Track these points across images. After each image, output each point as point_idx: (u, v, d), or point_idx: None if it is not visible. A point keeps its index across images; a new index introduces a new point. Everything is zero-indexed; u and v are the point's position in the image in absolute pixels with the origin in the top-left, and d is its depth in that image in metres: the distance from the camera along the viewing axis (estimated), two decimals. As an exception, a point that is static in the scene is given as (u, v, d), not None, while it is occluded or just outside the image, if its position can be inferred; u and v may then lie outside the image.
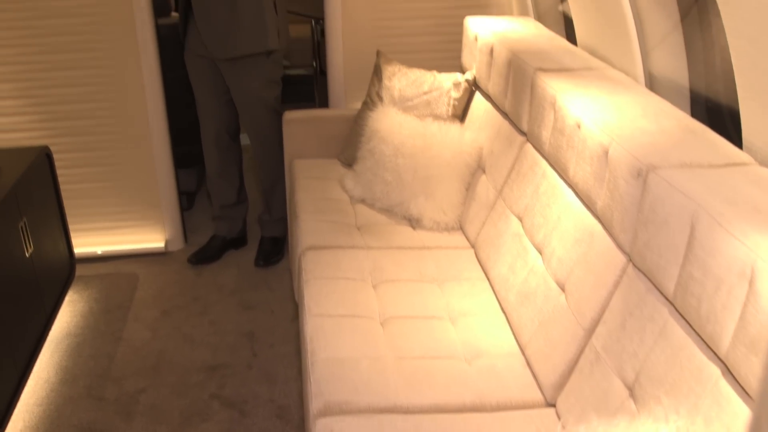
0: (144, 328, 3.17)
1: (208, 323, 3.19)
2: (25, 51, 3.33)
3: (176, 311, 3.28)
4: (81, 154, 3.52)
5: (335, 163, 3.23)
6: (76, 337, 3.13)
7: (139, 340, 3.10)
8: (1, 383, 2.47)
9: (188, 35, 3.31)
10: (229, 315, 3.24)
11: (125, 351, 3.03)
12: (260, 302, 3.32)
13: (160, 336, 3.12)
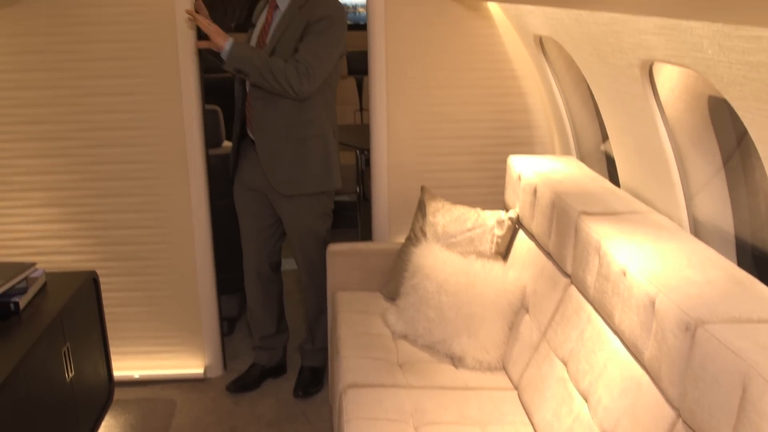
0: (179, 458, 3.14)
1: (243, 455, 3.15)
2: (78, 177, 3.46)
3: (212, 441, 3.25)
4: (126, 279, 3.59)
5: (378, 296, 3.24)
6: (111, 464, 3.11)
7: (174, 470, 3.07)
8: None
9: (240, 169, 3.40)
10: (266, 447, 3.21)
11: (159, 482, 3.00)
12: (297, 435, 3.28)
13: (195, 467, 3.08)
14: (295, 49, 3.08)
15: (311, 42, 3.05)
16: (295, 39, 3.08)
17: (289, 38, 3.09)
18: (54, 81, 3.36)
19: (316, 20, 3.06)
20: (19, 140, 3.42)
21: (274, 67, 2.97)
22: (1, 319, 2.70)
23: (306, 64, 3.00)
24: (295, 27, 3.09)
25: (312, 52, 3.04)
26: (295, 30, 3.08)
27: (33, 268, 2.90)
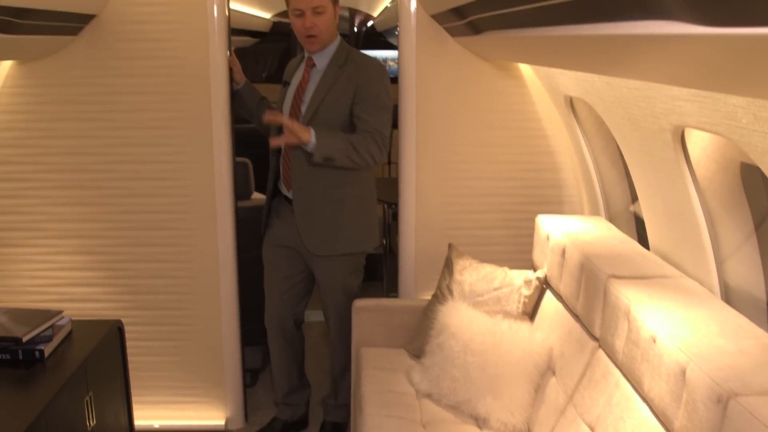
0: None
1: None
2: (107, 226, 3.50)
3: (231, 495, 3.21)
4: (151, 328, 3.60)
5: (403, 353, 3.21)
6: None
7: None
8: None
9: (272, 226, 3.41)
10: (284, 504, 3.16)
11: None
12: (314, 492, 3.24)
13: None
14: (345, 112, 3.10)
15: (373, 109, 3.08)
16: (343, 102, 3.10)
17: (334, 100, 3.10)
18: (86, 131, 3.41)
19: (367, 84, 3.10)
20: (50, 188, 3.47)
21: (358, 146, 3.00)
22: (26, 367, 2.70)
23: (380, 135, 3.05)
24: (340, 89, 3.11)
25: (379, 120, 3.08)
26: (340, 92, 3.11)
27: (59, 316, 2.91)
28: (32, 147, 3.43)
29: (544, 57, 2.53)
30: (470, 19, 2.70)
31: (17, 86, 3.38)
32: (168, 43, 3.33)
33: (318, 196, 3.20)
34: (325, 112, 3.10)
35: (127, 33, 3.33)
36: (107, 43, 3.33)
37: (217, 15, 3.31)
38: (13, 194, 3.47)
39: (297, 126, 2.93)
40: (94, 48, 3.34)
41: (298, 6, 3.06)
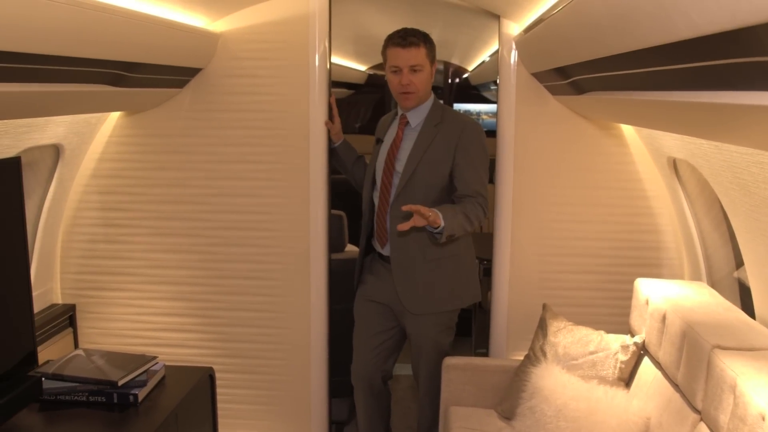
0: None
1: None
2: (202, 273, 3.57)
3: None
4: (241, 376, 3.63)
5: (492, 414, 3.14)
6: None
7: None
8: None
9: (365, 282, 3.40)
10: None
11: None
12: None
13: None
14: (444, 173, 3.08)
15: (474, 171, 3.06)
16: (442, 163, 3.09)
17: (432, 160, 3.09)
18: (186, 180, 3.51)
19: (467, 146, 3.09)
20: (150, 234, 3.56)
21: (470, 215, 2.96)
22: (120, 410, 2.75)
23: (483, 198, 3.03)
24: (438, 150, 3.10)
25: (480, 182, 3.07)
26: (438, 153, 3.10)
27: (154, 362, 2.96)
28: (135, 194, 3.54)
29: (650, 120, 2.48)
30: (574, 80, 2.67)
31: (124, 135, 3.50)
32: (270, 97, 3.41)
33: (416, 255, 3.18)
34: (423, 172, 3.10)
35: (231, 86, 3.42)
36: (211, 95, 3.43)
37: (318, 70, 3.37)
38: (114, 239, 3.58)
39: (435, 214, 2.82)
40: (198, 100, 3.44)
41: (396, 63, 3.09)
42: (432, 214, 2.78)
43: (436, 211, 2.83)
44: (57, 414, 2.75)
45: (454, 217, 2.91)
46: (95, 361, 2.92)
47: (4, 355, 2.56)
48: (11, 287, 2.62)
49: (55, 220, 3.43)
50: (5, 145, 2.69)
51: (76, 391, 2.79)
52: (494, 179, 3.53)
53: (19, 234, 2.64)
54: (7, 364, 2.57)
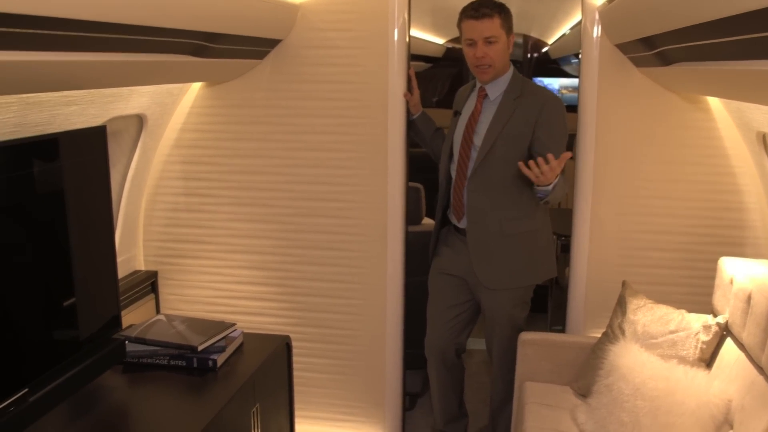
0: None
1: None
2: (280, 243, 3.61)
3: None
4: (316, 345, 3.67)
5: (568, 391, 3.11)
6: None
7: None
8: None
9: (440, 255, 3.40)
10: None
11: None
12: None
13: None
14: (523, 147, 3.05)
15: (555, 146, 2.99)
16: (521, 137, 3.06)
17: (512, 134, 3.06)
18: (266, 151, 3.54)
19: (548, 120, 3.05)
20: (229, 204, 3.62)
21: (565, 188, 2.98)
22: (199, 375, 2.82)
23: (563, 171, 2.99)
24: (517, 123, 3.07)
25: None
26: (518, 126, 3.06)
27: (233, 328, 3.02)
28: (216, 165, 3.59)
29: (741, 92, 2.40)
30: (660, 50, 2.60)
31: (205, 106, 3.55)
32: (349, 68, 3.41)
33: (493, 230, 3.16)
34: (502, 147, 3.06)
35: (310, 57, 3.43)
36: (290, 66, 3.45)
37: (397, 42, 3.35)
38: (195, 208, 3.65)
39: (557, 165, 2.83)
40: (277, 71, 3.46)
41: (470, 35, 3.05)
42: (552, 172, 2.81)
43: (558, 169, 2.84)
44: (139, 376, 2.83)
45: (560, 183, 2.91)
46: (176, 327, 2.99)
47: (91, 318, 2.65)
48: (97, 253, 2.69)
49: (138, 188, 3.51)
50: (92, 115, 2.75)
51: (158, 354, 2.87)
52: (574, 155, 3.46)
53: (104, 201, 2.71)
54: (93, 326, 2.66)
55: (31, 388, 2.26)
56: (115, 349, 2.72)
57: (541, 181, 2.86)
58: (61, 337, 2.48)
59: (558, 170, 2.84)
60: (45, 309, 2.39)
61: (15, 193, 2.22)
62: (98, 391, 2.71)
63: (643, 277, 3.40)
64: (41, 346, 2.38)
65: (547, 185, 2.89)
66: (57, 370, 2.41)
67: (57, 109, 2.50)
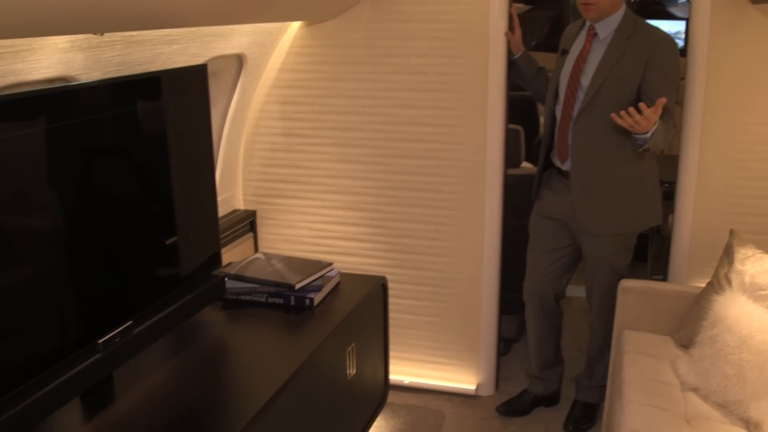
0: (443, 473, 3.14)
1: (507, 482, 3.09)
2: (377, 184, 3.60)
3: (477, 461, 3.22)
4: (412, 287, 3.67)
5: (668, 341, 3.02)
6: (378, 466, 3.18)
7: (437, 484, 3.08)
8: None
9: (542, 198, 3.34)
10: (530, 478, 3.12)
11: (422, 493, 3.02)
12: (563, 471, 3.16)
13: (458, 485, 3.07)
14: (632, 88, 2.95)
15: (666, 89, 2.89)
16: (631, 78, 2.95)
17: (620, 75, 2.95)
18: (364, 91, 3.51)
19: (660, 61, 2.92)
20: (327, 144, 3.62)
21: (669, 134, 2.88)
22: (296, 313, 2.86)
23: (672, 117, 2.91)
24: (627, 64, 2.95)
25: (673, 103, 2.92)
26: (628, 67, 2.95)
27: (329, 268, 3.05)
28: (314, 105, 3.59)
29: None
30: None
31: (304, 46, 3.54)
32: (448, 7, 3.33)
33: (598, 173, 3.07)
34: (610, 88, 2.95)
35: (410, -3, 3.38)
36: (389, 5, 3.39)
37: (499, -20, 3.26)
38: (294, 149, 3.67)
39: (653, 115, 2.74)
40: (376, 11, 3.41)
41: None
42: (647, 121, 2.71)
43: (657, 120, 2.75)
44: (238, 312, 2.90)
45: (660, 131, 2.81)
46: (274, 265, 3.04)
47: (192, 255, 2.70)
48: (199, 191, 2.74)
49: (237, 128, 3.55)
50: (193, 54, 2.78)
51: (256, 292, 2.92)
52: (681, 100, 3.32)
53: (205, 140, 2.75)
54: (194, 263, 2.71)
55: (135, 321, 2.34)
56: (214, 286, 2.77)
57: (637, 129, 2.78)
58: (163, 273, 2.55)
59: (654, 118, 2.74)
60: (148, 245, 2.45)
61: (119, 132, 2.26)
62: (198, 326, 2.79)
63: (752, 226, 3.26)
64: (144, 281, 2.44)
65: (644, 133, 2.79)
66: (159, 305, 2.48)
67: (159, 48, 2.53)
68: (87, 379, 2.12)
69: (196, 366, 2.50)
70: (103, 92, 2.17)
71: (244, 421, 2.12)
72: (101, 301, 2.22)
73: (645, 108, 2.71)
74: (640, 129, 2.76)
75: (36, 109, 1.92)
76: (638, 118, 2.72)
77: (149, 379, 2.40)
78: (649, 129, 2.77)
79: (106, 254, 2.23)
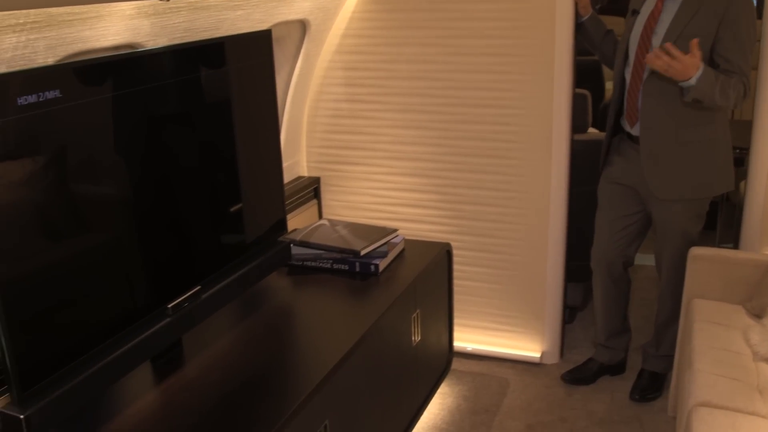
0: (507, 440, 3.14)
1: (572, 450, 3.08)
2: (441, 150, 3.57)
3: (541, 429, 3.20)
4: (476, 254, 3.64)
5: (740, 310, 2.95)
6: (441, 431, 3.19)
7: (502, 450, 3.08)
8: (372, 467, 2.58)
9: (611, 163, 3.28)
10: (596, 446, 3.10)
11: (487, 459, 3.02)
12: (630, 440, 3.13)
13: (522, 452, 3.06)
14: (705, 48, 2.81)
15: (739, 48, 2.81)
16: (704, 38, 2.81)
17: (693, 35, 2.80)
18: (428, 56, 3.47)
19: (734, 20, 2.81)
20: (391, 110, 3.60)
21: (728, 89, 2.77)
22: (361, 279, 2.87)
23: (746, 77, 2.81)
24: (700, 23, 2.84)
25: (745, 61, 2.82)
26: (701, 26, 2.84)
27: (395, 234, 3.05)
28: (377, 70, 3.57)
29: None
30: None
31: (366, 11, 3.51)
32: (516, -31, 3.27)
33: (668, 137, 2.99)
34: (683, 48, 2.85)
35: (476, -42, 3.32)
36: None
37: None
38: (357, 115, 3.66)
39: (689, 61, 2.66)
40: None
41: None
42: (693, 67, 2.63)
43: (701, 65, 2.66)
44: (303, 278, 2.92)
45: (711, 80, 2.71)
46: (339, 231, 3.05)
47: (258, 221, 2.73)
48: (265, 157, 2.75)
49: (301, 95, 3.55)
50: (257, 20, 2.78)
51: (321, 258, 2.94)
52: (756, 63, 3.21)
53: (270, 107, 2.75)
54: (261, 229, 2.74)
55: (203, 286, 2.37)
56: (280, 252, 2.80)
57: (672, 74, 2.68)
58: (230, 239, 2.58)
59: (692, 62, 2.64)
60: (214, 212, 2.48)
61: (185, 99, 2.28)
62: (264, 292, 2.82)
63: (830, 193, 3.16)
64: (212, 247, 2.48)
65: (685, 80, 2.70)
66: (226, 271, 2.52)
67: (224, 14, 2.53)
68: (157, 342, 2.17)
69: (263, 331, 2.53)
70: (169, 59, 2.19)
71: (310, 387, 2.14)
72: (170, 267, 2.26)
73: (672, 48, 2.62)
74: (675, 73, 2.67)
75: (104, 76, 1.94)
76: (666, 60, 2.63)
77: (217, 344, 2.44)
78: (689, 75, 2.68)
79: (173, 221, 2.26)
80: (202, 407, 2.09)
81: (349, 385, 2.38)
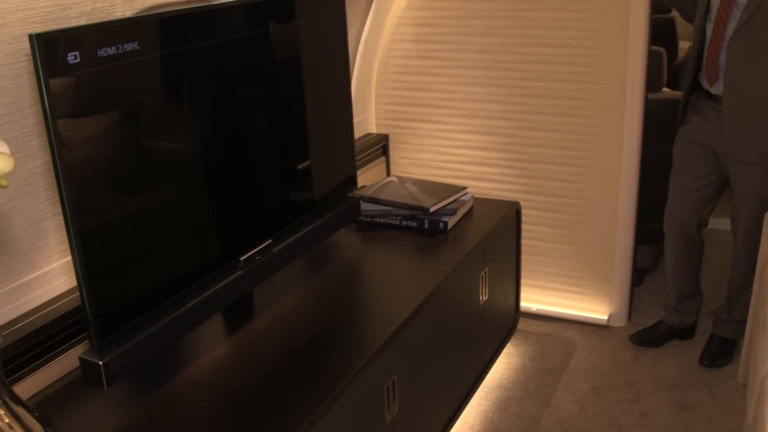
0: (572, 400, 3.12)
1: (638, 414, 3.04)
2: (511, 108, 3.52)
3: (607, 391, 3.18)
4: (545, 214, 3.60)
5: (818, 276, 2.88)
6: (506, 390, 3.19)
7: (566, 411, 3.06)
8: (433, 419, 2.60)
9: (688, 122, 3.19)
10: (662, 411, 3.05)
11: (550, 418, 3.01)
12: (698, 406, 3.08)
13: (587, 413, 3.04)
14: None
15: None
16: None
17: None
18: (500, 11, 3.41)
19: None
20: (461, 67, 3.55)
21: None
22: (430, 236, 2.87)
23: None
24: None
25: None
26: None
27: (463, 192, 3.03)
28: (449, 26, 3.52)
29: None
30: None
31: (439, -35, 3.47)
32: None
33: (754, 99, 2.89)
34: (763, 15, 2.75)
35: None
36: None
37: None
38: (428, 72, 3.62)
39: None
40: None
41: None
42: None
43: None
44: (372, 234, 2.93)
45: None
46: (408, 188, 3.04)
47: (328, 176, 2.74)
48: (336, 113, 2.75)
49: (371, 51, 3.53)
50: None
51: (390, 214, 2.94)
52: None
53: (342, 62, 2.75)
54: (331, 185, 2.75)
55: (274, 240, 2.40)
56: (349, 207, 2.80)
57: None
58: (300, 194, 2.59)
59: None
60: (285, 167, 2.49)
61: (255, 53, 2.28)
62: (334, 247, 2.84)
63: None
64: (282, 202, 2.50)
65: None
66: (297, 225, 2.54)
67: (298, -32, 2.52)
68: (229, 294, 2.20)
69: (332, 287, 2.55)
70: (242, 12, 2.19)
71: (378, 343, 2.16)
72: (242, 220, 2.28)
73: None
74: None
75: (178, 30, 1.95)
76: None
77: (287, 298, 2.47)
78: None
79: (245, 176, 2.28)
80: (272, 359, 2.12)
81: (417, 342, 2.39)
